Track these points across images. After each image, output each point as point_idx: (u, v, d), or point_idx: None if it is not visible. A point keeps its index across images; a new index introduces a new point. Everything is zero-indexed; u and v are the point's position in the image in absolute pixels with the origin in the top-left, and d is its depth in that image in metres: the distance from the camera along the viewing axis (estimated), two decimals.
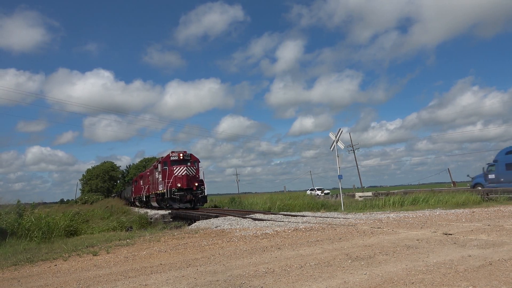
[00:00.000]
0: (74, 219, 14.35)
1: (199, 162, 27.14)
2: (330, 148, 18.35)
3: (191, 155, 26.70)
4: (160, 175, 26.53)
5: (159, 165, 26.79)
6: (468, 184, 30.74)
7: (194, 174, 25.49)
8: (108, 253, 7.79)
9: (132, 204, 45.28)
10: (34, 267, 6.88)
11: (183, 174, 24.69)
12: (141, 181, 39.01)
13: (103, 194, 69.70)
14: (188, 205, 24.15)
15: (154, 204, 29.68)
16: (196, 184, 24.95)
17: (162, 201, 26.55)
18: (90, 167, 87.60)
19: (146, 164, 73.73)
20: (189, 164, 25.69)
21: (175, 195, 24.04)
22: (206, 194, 25.25)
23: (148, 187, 33.17)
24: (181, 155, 25.86)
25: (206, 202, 25.80)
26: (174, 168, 24.77)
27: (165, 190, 24.49)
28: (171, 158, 25.81)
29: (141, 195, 36.70)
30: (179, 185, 24.17)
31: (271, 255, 6.18)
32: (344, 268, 4.92)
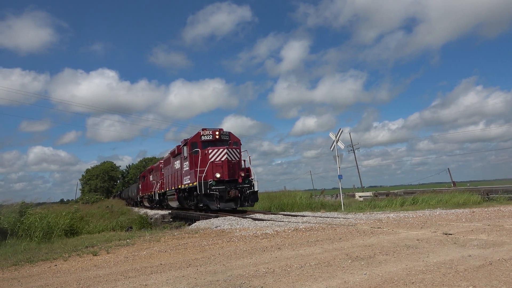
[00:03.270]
0: (74, 218, 14.35)
1: (241, 144, 19.59)
2: (330, 148, 18.35)
3: (230, 133, 19.41)
4: (186, 163, 19.30)
5: (185, 149, 19.18)
6: (468, 184, 30.66)
7: (238, 159, 17.90)
8: (108, 253, 7.79)
9: (139, 204, 38.83)
10: (34, 267, 6.88)
11: (223, 159, 17.20)
12: (151, 176, 32.00)
13: (103, 194, 69.69)
14: (231, 204, 16.89)
15: (174, 203, 22.59)
16: (242, 175, 17.52)
17: (189, 199, 19.66)
18: (90, 167, 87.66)
19: (146, 164, 73.65)
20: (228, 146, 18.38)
21: (213, 190, 16.66)
22: (257, 188, 17.71)
23: (162, 182, 26.41)
24: (216, 133, 18.64)
25: (257, 200, 18.08)
26: (209, 152, 17.38)
27: (195, 184, 17.14)
28: (203, 138, 18.52)
29: (153, 192, 29.88)
30: (218, 175, 16.83)
31: (271, 255, 6.18)
32: (344, 268, 4.92)
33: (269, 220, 12.67)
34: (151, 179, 32.04)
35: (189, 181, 18.84)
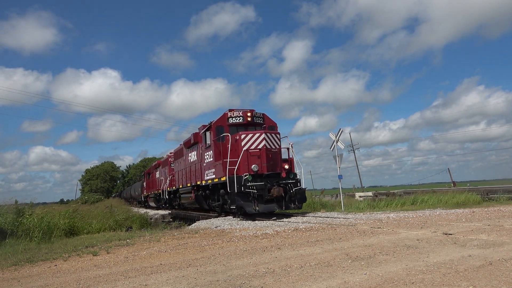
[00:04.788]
0: (73, 218, 14.35)
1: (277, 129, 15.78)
2: (330, 148, 18.33)
3: (264, 115, 15.43)
4: (209, 153, 15.20)
5: (207, 135, 15.11)
6: (468, 184, 30.69)
7: (278, 148, 14.29)
8: (108, 253, 7.79)
9: (143, 204, 35.84)
10: (34, 267, 6.88)
11: (260, 147, 13.49)
12: (158, 172, 28.31)
13: (103, 194, 69.68)
14: (273, 206, 13.27)
15: (190, 203, 18.72)
16: (286, 167, 14.20)
17: (212, 198, 15.86)
18: (90, 168, 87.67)
19: (147, 164, 73.63)
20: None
21: (249, 187, 12.90)
22: (304, 186, 14.14)
23: (173, 178, 22.65)
24: (248, 114, 14.79)
25: (305, 200, 14.52)
26: (242, 138, 13.61)
27: (224, 179, 13.39)
28: (230, 121, 14.74)
29: (160, 190, 25.57)
30: (255, 168, 13.19)
31: (271, 255, 6.17)
32: (344, 268, 4.91)
33: (269, 220, 12.66)
34: (157, 175, 28.32)
35: (213, 176, 14.87)
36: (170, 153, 24.72)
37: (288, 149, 15.23)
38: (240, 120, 14.91)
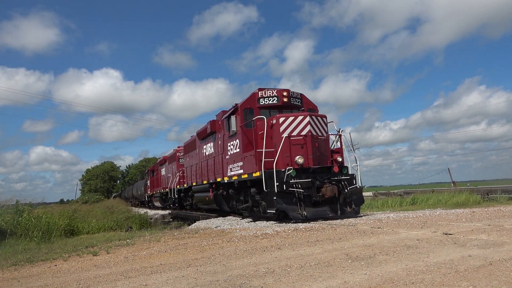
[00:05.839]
0: (73, 218, 14.36)
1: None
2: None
3: (302, 96, 12.97)
4: (234, 143, 12.66)
5: (232, 120, 12.33)
6: (468, 184, 30.69)
7: (326, 135, 11.88)
8: (108, 253, 7.79)
9: (147, 204, 33.88)
10: (34, 267, 6.88)
11: (304, 133, 11.03)
12: (163, 169, 25.85)
13: (103, 194, 69.69)
14: (326, 210, 10.72)
15: (206, 203, 16.07)
16: (339, 159, 11.70)
17: (236, 199, 13.32)
18: (90, 168, 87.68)
19: (147, 164, 73.63)
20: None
21: (292, 185, 10.40)
22: (361, 183, 11.70)
23: (182, 174, 20.09)
24: (284, 93, 12.23)
25: (363, 202, 12.02)
26: (280, 121, 11.14)
27: (257, 174, 10.97)
28: (262, 102, 12.18)
29: (168, 189, 23.21)
30: (300, 160, 10.67)
31: (271, 255, 6.17)
32: (344, 268, 4.91)
33: (269, 220, 12.65)
34: (163, 173, 25.78)
35: (239, 171, 12.18)
36: (179, 147, 22.64)
37: (337, 136, 12.26)
38: (275, 101, 12.17)
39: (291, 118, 11.16)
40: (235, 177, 12.72)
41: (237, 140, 12.50)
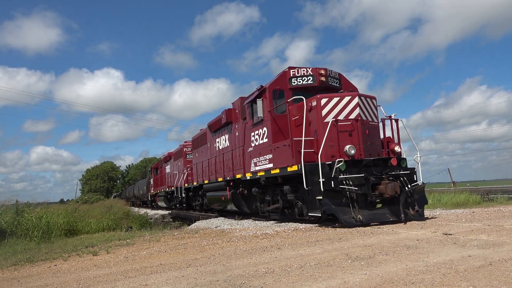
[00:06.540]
0: (73, 218, 14.38)
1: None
2: None
3: (341, 76, 11.38)
4: (262, 131, 10.91)
5: (257, 106, 10.49)
6: (468, 184, 30.69)
7: (377, 120, 10.21)
8: (108, 253, 7.79)
9: (150, 204, 32.74)
10: (34, 267, 6.88)
11: (352, 116, 9.43)
12: (168, 166, 24.24)
13: (103, 194, 69.69)
14: (385, 213, 9.07)
15: (221, 204, 14.29)
16: (398, 150, 10.00)
17: (260, 198, 11.94)
18: (90, 167, 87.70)
19: (147, 164, 73.62)
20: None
21: (341, 181, 8.62)
22: (422, 180, 9.76)
23: (190, 171, 18.76)
24: (322, 72, 10.57)
25: (427, 202, 10.29)
26: (321, 104, 9.52)
27: (293, 169, 9.41)
28: (294, 83, 10.53)
29: (174, 187, 21.53)
30: (351, 151, 9.04)
31: (271, 255, 6.17)
32: (344, 268, 4.91)
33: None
34: (168, 170, 24.16)
35: (268, 165, 10.48)
36: (185, 142, 21.28)
37: (386, 120, 10.21)
38: (310, 81, 10.46)
39: (336, 99, 9.46)
40: (261, 173, 10.99)
41: (265, 129, 10.74)
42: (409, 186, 9.18)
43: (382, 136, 10.38)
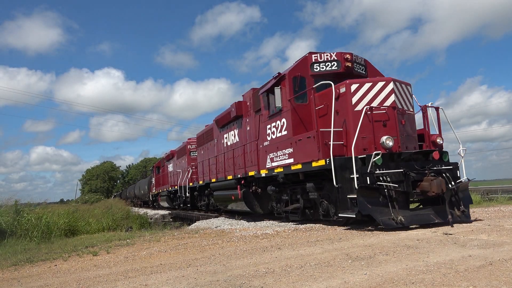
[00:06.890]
0: (73, 218, 14.38)
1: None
2: None
3: (366, 62, 10.32)
4: (281, 123, 9.89)
5: (275, 95, 9.54)
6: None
7: (413, 109, 9.24)
8: (108, 253, 7.79)
9: (152, 204, 32.08)
10: (34, 267, 6.88)
11: (387, 103, 8.35)
12: (171, 165, 23.42)
13: (103, 194, 69.71)
14: (430, 215, 7.94)
15: (231, 203, 13.21)
16: (440, 142, 9.08)
17: (276, 197, 11.01)
18: (90, 167, 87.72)
19: (147, 164, 73.62)
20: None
21: (378, 177, 7.62)
22: (464, 175, 8.66)
23: (195, 170, 18.10)
24: (347, 57, 9.63)
25: (472, 201, 9.18)
26: (350, 90, 8.45)
27: (320, 164, 8.26)
28: (317, 69, 9.63)
29: (177, 187, 20.65)
30: (389, 142, 7.97)
31: (271, 255, 6.17)
32: (344, 268, 4.91)
33: (269, 220, 12.64)
34: (170, 169, 23.26)
35: (288, 160, 9.51)
36: (189, 139, 20.29)
37: (423, 108, 9.36)
38: (334, 67, 9.58)
39: (368, 85, 8.46)
40: (278, 169, 10.00)
41: (284, 120, 9.70)
42: (452, 183, 8.18)
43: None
